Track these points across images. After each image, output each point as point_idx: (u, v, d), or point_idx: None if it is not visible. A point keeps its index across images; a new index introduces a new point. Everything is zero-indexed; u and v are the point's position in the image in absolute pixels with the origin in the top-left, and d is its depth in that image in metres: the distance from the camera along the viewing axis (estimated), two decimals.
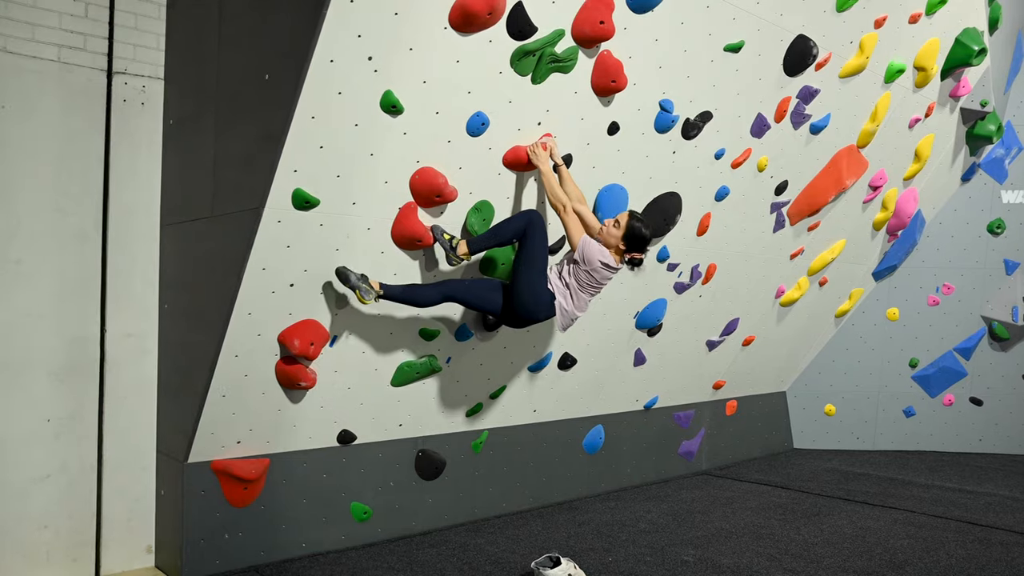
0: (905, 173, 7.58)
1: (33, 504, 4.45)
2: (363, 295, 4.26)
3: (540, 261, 4.50)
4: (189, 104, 4.66)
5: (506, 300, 4.55)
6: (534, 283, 4.50)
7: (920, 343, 8.66)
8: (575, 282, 4.60)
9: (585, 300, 4.68)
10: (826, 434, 8.80)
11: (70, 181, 4.52)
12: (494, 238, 4.55)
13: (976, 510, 6.39)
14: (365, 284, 4.27)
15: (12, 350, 4.36)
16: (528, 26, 4.25)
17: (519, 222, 4.50)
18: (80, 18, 4.52)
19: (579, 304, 4.67)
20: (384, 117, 4.07)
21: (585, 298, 4.67)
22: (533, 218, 4.49)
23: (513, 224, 4.52)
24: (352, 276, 4.26)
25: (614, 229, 4.61)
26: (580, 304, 4.67)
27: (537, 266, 4.49)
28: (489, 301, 4.55)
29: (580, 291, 4.62)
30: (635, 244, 4.60)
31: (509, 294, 4.54)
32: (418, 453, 5.37)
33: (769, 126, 5.88)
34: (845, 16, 5.72)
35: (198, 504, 4.51)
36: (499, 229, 4.55)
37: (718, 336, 7.10)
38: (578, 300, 4.65)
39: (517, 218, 4.54)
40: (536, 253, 4.48)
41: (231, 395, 4.41)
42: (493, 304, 4.56)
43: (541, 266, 4.51)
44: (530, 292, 4.50)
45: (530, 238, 4.46)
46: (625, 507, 6.22)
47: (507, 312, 4.58)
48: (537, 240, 4.47)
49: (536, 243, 4.47)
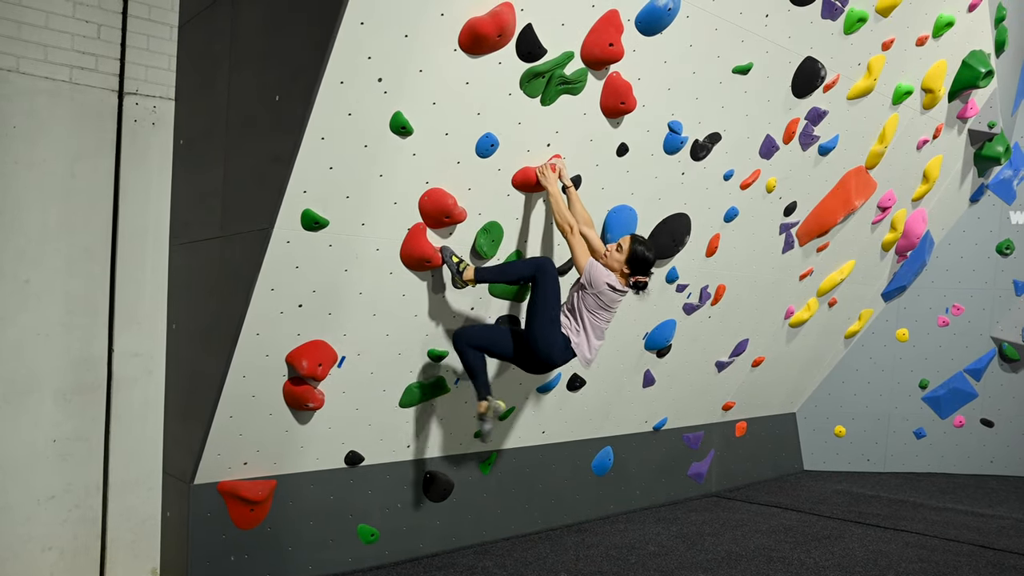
0: (914, 194, 7.57)
1: (38, 525, 4.42)
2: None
3: (552, 309, 4.48)
4: (200, 124, 4.68)
5: (520, 347, 4.57)
6: (546, 331, 4.47)
7: (930, 364, 8.60)
8: (585, 309, 4.52)
9: (601, 328, 4.60)
10: (836, 455, 8.73)
11: (79, 200, 4.53)
12: (501, 275, 4.56)
13: (989, 533, 6.31)
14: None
15: (19, 369, 4.35)
16: (537, 48, 4.26)
17: (527, 269, 4.51)
18: (92, 39, 4.55)
19: (596, 334, 4.59)
20: (394, 138, 4.08)
21: (600, 325, 4.59)
22: (543, 265, 4.48)
23: (521, 269, 4.54)
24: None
25: (617, 253, 4.59)
26: (597, 333, 4.59)
27: (548, 315, 4.47)
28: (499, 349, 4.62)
29: (593, 318, 4.53)
30: (638, 267, 4.57)
31: (523, 342, 4.55)
32: (426, 475, 5.34)
33: (778, 147, 5.88)
34: (853, 38, 5.73)
35: (204, 526, 4.48)
36: (508, 268, 4.58)
37: (727, 357, 7.06)
38: (593, 330, 4.56)
39: (527, 264, 4.55)
40: (548, 302, 4.45)
41: (238, 416, 4.39)
42: (506, 351, 4.62)
43: (553, 314, 4.48)
44: (544, 340, 4.48)
45: (540, 287, 4.44)
46: (634, 529, 6.17)
47: (522, 359, 4.61)
48: (548, 288, 4.44)
49: (547, 292, 4.44)
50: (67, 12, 4.46)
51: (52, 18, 4.42)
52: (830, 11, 5.44)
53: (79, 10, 4.50)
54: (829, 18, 5.47)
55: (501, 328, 4.69)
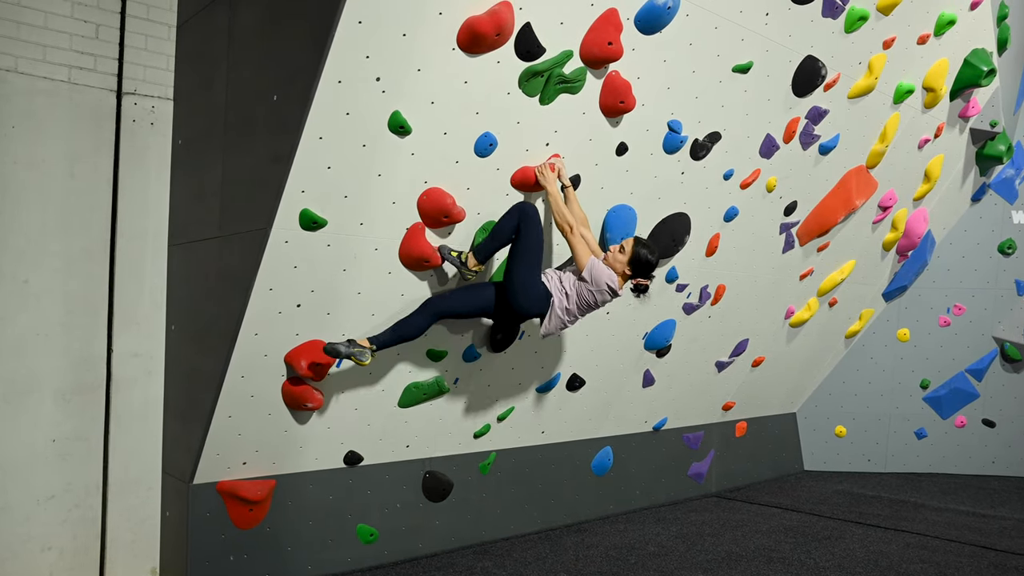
0: (915, 193, 7.55)
1: (37, 525, 4.42)
2: (359, 358, 4.24)
3: (533, 254, 4.44)
4: (198, 124, 4.67)
5: (500, 296, 4.51)
6: (525, 277, 4.44)
7: (931, 364, 8.58)
8: (576, 296, 4.57)
9: (576, 317, 4.65)
10: (837, 456, 8.72)
11: (78, 201, 4.53)
12: (495, 240, 4.51)
13: (990, 534, 6.30)
14: (356, 347, 4.25)
15: (19, 369, 4.35)
16: (536, 47, 4.25)
17: (513, 219, 4.45)
18: (91, 39, 4.55)
19: (570, 318, 4.63)
20: (392, 138, 4.07)
21: (577, 316, 4.65)
22: (525, 209, 4.43)
23: (508, 222, 4.47)
24: (342, 348, 4.22)
25: (620, 255, 4.59)
26: (571, 319, 4.64)
27: (529, 259, 4.43)
28: (479, 302, 4.51)
29: (579, 302, 4.58)
30: (641, 270, 4.58)
31: (503, 290, 4.50)
32: (425, 475, 5.33)
33: (778, 146, 5.87)
34: (853, 37, 5.71)
35: (203, 526, 4.48)
36: (497, 231, 4.51)
37: (727, 357, 7.05)
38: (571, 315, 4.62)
39: (510, 214, 4.48)
40: (530, 245, 4.42)
41: (237, 416, 4.38)
42: (485, 304, 4.51)
43: (534, 259, 4.45)
44: (522, 285, 4.44)
45: (523, 232, 4.41)
46: (634, 529, 6.16)
47: (500, 309, 4.53)
48: (531, 233, 4.41)
49: (530, 236, 4.41)
50: (65, 12, 4.46)
51: (51, 18, 4.42)
52: (831, 9, 5.42)
53: (78, 10, 4.50)
54: (830, 16, 5.46)
55: (477, 284, 4.59)
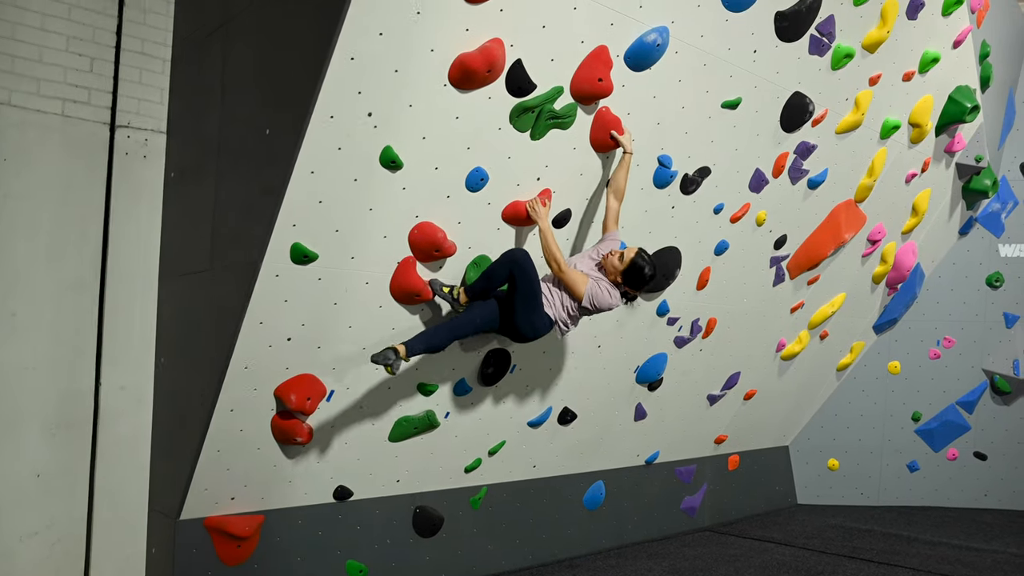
0: (903, 227, 7.61)
1: (20, 563, 4.35)
2: (393, 368, 4.20)
3: (532, 298, 4.48)
4: (190, 157, 4.69)
5: (504, 318, 4.52)
6: (525, 319, 4.50)
7: (922, 397, 8.59)
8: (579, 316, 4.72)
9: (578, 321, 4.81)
10: (830, 489, 8.68)
11: (69, 233, 4.52)
12: (488, 282, 4.52)
13: (983, 569, 6.26)
14: (394, 357, 4.17)
15: (5, 403, 4.31)
16: (527, 83, 4.29)
17: (505, 268, 4.46)
18: (85, 72, 4.58)
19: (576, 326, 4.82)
20: (383, 172, 4.09)
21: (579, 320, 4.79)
22: (516, 258, 4.42)
23: (500, 270, 4.47)
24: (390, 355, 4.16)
25: (617, 262, 4.61)
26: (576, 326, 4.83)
27: (528, 304, 4.47)
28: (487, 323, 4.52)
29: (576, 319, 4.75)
30: (632, 281, 4.60)
31: (507, 318, 4.51)
32: (416, 509, 5.28)
33: (767, 181, 5.92)
34: (840, 74, 5.79)
35: (189, 562, 4.41)
36: (490, 274, 4.51)
37: (719, 390, 7.04)
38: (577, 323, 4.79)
39: (502, 263, 4.47)
40: (525, 292, 4.44)
41: (226, 450, 4.34)
42: (491, 323, 4.53)
43: (533, 302, 4.49)
44: (530, 326, 4.52)
45: (518, 281, 4.41)
46: (626, 565, 6.10)
47: (506, 330, 4.59)
48: (525, 279, 4.41)
49: (524, 283, 4.41)
50: (60, 46, 4.49)
51: (46, 52, 4.44)
52: (817, 47, 5.50)
53: (73, 44, 4.53)
54: (816, 54, 5.54)
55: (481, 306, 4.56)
